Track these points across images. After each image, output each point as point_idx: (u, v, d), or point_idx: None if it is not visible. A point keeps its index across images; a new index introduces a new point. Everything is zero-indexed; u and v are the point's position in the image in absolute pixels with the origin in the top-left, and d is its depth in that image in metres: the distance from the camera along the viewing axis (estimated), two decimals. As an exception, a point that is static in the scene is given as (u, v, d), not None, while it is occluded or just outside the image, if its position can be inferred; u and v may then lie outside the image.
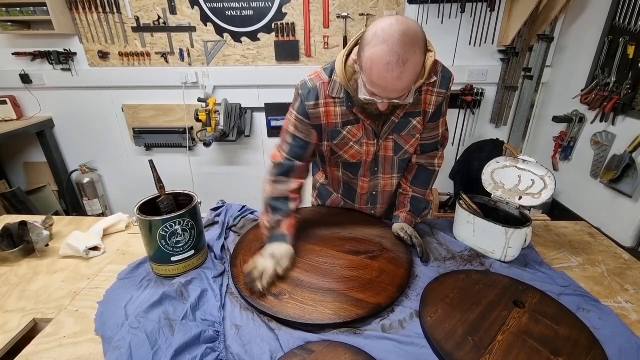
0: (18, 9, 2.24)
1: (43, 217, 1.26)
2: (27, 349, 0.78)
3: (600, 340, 0.76)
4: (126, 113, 2.64)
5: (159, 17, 2.36)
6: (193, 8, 2.33)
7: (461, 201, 1.15)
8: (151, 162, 0.99)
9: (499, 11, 2.26)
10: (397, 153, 1.10)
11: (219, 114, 2.42)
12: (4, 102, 2.55)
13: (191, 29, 2.39)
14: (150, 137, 2.68)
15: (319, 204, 1.39)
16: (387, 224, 1.21)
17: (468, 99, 2.44)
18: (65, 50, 2.46)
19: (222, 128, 2.42)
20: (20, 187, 2.64)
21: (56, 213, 2.86)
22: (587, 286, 0.96)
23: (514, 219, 1.11)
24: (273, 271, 0.92)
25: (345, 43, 2.35)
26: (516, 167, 1.12)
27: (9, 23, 2.30)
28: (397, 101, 0.84)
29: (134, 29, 2.40)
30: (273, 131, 2.67)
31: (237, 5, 2.31)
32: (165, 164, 2.63)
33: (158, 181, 1.00)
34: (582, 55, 2.13)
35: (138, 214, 0.92)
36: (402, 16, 0.95)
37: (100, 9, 2.33)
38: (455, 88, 2.42)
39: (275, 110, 2.60)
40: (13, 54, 2.48)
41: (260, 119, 2.66)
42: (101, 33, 2.41)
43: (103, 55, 2.46)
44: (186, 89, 2.54)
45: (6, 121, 2.57)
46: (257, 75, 2.50)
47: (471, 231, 1.10)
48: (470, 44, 2.35)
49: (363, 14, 2.30)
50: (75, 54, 2.48)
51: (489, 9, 2.24)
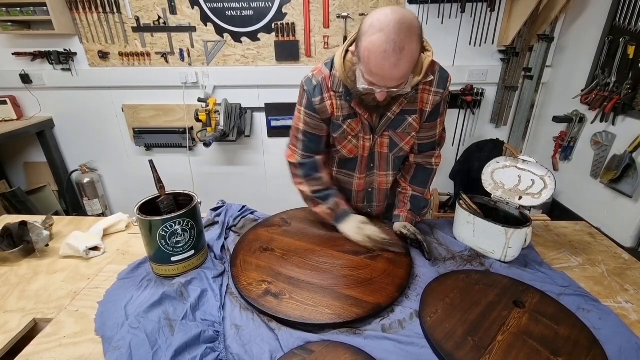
0: (18, 9, 2.24)
1: (43, 217, 1.26)
2: (27, 349, 0.78)
3: (600, 340, 0.76)
4: (126, 113, 2.64)
5: (159, 17, 2.36)
6: (193, 8, 2.33)
7: (461, 201, 1.15)
8: (151, 162, 1.00)
9: (499, 11, 2.26)
10: (392, 150, 1.11)
11: (219, 114, 2.42)
12: (4, 102, 2.55)
13: (191, 29, 2.39)
14: (150, 137, 2.68)
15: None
16: (387, 224, 1.21)
17: (468, 99, 2.44)
18: (65, 50, 2.46)
19: (222, 128, 2.42)
20: (20, 187, 2.64)
21: (56, 213, 2.86)
22: (587, 286, 0.96)
23: (514, 219, 1.11)
24: (377, 229, 1.08)
25: (345, 43, 2.35)
26: (516, 167, 1.12)
27: (9, 23, 2.30)
28: (395, 90, 0.85)
29: (134, 29, 2.40)
30: (273, 131, 2.66)
31: (237, 5, 2.31)
32: (165, 164, 2.63)
33: (158, 181, 1.00)
34: (582, 55, 2.13)
35: (138, 214, 0.92)
36: (398, 6, 0.96)
37: (100, 9, 2.33)
38: (455, 88, 2.43)
39: (275, 110, 2.60)
40: (13, 54, 2.47)
41: (260, 119, 2.65)
42: (101, 33, 2.41)
43: (103, 55, 2.46)
44: (186, 89, 2.54)
45: (6, 121, 2.57)
46: (257, 75, 2.50)
47: (471, 231, 1.10)
48: (470, 44, 2.35)
49: (363, 14, 2.30)
50: (75, 54, 2.48)
51: (489, 9, 2.24)
